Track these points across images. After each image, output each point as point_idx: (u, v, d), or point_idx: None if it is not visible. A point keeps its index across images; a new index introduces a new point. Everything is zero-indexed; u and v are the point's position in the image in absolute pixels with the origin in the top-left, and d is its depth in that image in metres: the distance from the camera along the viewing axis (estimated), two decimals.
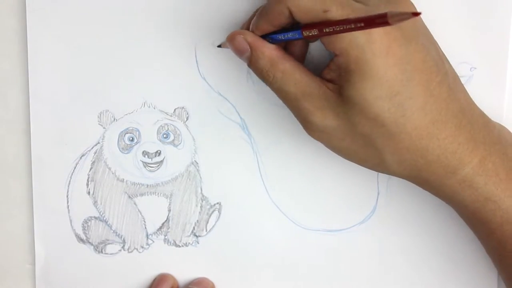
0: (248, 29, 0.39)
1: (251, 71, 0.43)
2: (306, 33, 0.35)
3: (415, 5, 0.41)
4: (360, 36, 0.33)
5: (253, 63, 0.38)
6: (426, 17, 0.42)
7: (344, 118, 0.36)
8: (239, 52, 0.38)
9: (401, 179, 0.39)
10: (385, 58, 0.33)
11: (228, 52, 0.43)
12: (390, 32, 0.34)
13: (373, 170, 0.39)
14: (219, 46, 0.42)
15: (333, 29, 0.33)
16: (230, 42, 0.38)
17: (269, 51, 0.37)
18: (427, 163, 0.36)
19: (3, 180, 0.45)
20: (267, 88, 0.43)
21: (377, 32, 0.33)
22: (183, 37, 0.43)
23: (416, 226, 0.44)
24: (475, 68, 0.42)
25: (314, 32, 0.34)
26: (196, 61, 0.43)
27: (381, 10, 0.34)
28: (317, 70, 0.37)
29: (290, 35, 0.36)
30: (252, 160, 0.44)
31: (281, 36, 0.37)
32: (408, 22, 0.35)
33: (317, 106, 0.36)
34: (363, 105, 0.34)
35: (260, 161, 0.44)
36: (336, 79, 0.36)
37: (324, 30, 0.34)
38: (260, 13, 0.37)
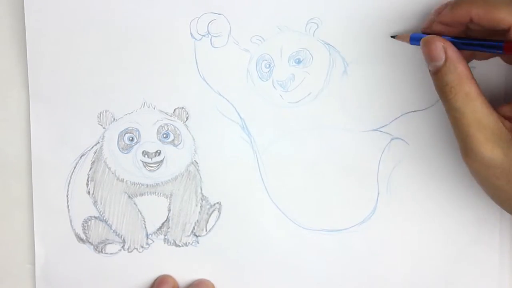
0: (430, 26, 0.39)
1: (250, 70, 0.43)
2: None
3: (415, 7, 0.42)
4: None
5: (441, 74, 0.37)
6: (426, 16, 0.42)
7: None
8: (431, 58, 0.37)
9: (400, 179, 0.38)
10: None
11: (227, 52, 0.43)
12: None
13: None
14: (393, 37, 0.42)
15: None
16: (427, 45, 0.37)
17: (461, 68, 0.36)
18: None
19: (3, 180, 0.45)
20: (267, 88, 0.43)
21: None
22: (183, 37, 0.43)
23: (416, 226, 0.44)
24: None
25: None
26: (196, 61, 0.43)
27: None
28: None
29: (487, 46, 0.36)
30: (252, 160, 0.44)
31: (472, 45, 0.37)
32: None
33: (488, 139, 0.36)
34: None
35: (260, 161, 0.44)
36: None
37: None
38: (445, 11, 0.37)
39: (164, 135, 0.44)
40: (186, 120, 0.44)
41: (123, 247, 0.45)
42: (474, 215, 0.44)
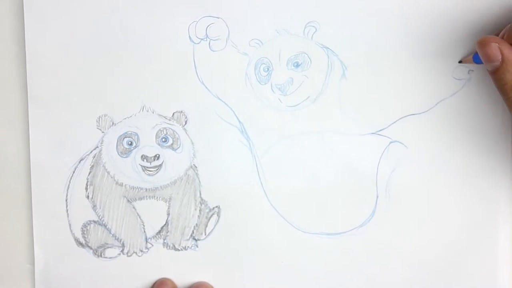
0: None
1: (249, 74, 0.43)
2: None
3: (416, 9, 0.42)
4: None
5: (499, 73, 0.38)
6: (425, 20, 0.42)
7: None
8: (488, 59, 0.38)
9: (399, 182, 0.38)
10: None
11: (226, 55, 0.43)
12: None
13: None
14: (460, 62, 0.42)
15: None
16: (483, 47, 0.38)
17: None
18: None
19: (3, 184, 0.45)
20: (265, 92, 0.43)
21: None
22: (181, 40, 0.43)
23: (415, 229, 0.44)
24: (473, 70, 0.42)
25: None
26: (194, 65, 0.43)
27: None
28: None
29: None
30: (250, 164, 0.44)
31: None
32: None
33: None
34: None
35: (259, 165, 0.44)
36: None
37: None
38: None
39: (163, 139, 0.44)
40: (185, 124, 0.44)
41: (122, 251, 0.45)
42: (473, 217, 0.44)
